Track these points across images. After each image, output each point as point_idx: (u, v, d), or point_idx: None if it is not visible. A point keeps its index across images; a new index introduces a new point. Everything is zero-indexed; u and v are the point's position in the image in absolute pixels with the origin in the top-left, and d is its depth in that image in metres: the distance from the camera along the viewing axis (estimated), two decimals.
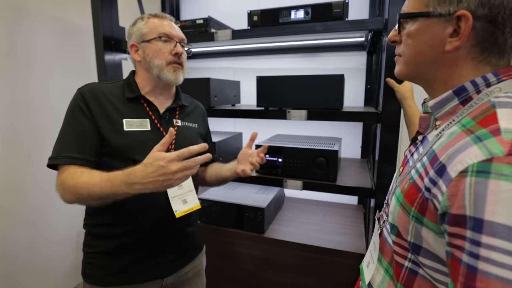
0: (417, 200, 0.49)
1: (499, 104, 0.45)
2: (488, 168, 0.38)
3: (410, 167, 0.57)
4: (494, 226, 0.37)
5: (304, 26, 1.29)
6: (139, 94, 0.95)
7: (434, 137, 0.53)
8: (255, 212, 1.50)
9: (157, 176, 0.71)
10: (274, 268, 1.47)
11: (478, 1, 0.46)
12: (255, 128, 1.99)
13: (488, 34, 0.48)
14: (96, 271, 0.92)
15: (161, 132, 0.95)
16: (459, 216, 0.40)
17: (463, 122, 0.48)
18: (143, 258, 0.93)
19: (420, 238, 0.49)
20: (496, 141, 0.40)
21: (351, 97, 1.78)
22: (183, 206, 0.91)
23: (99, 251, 0.91)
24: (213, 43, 1.52)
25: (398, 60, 0.61)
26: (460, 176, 0.40)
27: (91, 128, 0.86)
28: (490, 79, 0.49)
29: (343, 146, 1.81)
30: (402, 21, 0.56)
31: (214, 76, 1.99)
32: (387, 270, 0.60)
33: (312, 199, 1.93)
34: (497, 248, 0.36)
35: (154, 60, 0.93)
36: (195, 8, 2.02)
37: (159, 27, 0.94)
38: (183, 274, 1.03)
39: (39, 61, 1.65)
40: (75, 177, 0.79)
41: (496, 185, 0.37)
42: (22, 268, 1.65)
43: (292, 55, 1.85)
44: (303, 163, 1.38)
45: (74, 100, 0.88)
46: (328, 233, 1.50)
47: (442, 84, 0.55)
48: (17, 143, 1.59)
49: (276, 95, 1.41)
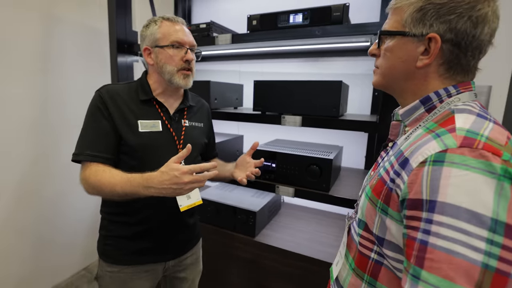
0: (383, 192, 0.55)
1: (457, 110, 0.53)
2: (443, 158, 0.45)
3: (380, 167, 0.63)
4: (444, 206, 0.43)
5: (303, 31, 1.27)
6: (152, 96, 1.02)
7: (403, 140, 0.60)
8: (247, 215, 1.49)
9: (171, 184, 0.80)
10: (261, 272, 1.46)
11: (446, 27, 0.53)
12: (258, 132, 2.00)
13: (453, 55, 0.55)
14: (112, 252, 1.03)
15: (171, 133, 1.03)
16: (416, 200, 0.46)
17: (427, 126, 0.55)
18: (152, 244, 1.04)
19: (384, 229, 0.55)
20: (451, 136, 0.47)
21: (357, 105, 1.72)
22: (187, 201, 1.00)
23: (115, 235, 1.03)
24: (218, 46, 1.54)
25: (376, 72, 0.68)
26: (420, 166, 0.47)
27: (109, 128, 0.94)
28: (451, 90, 0.57)
29: (347, 155, 1.75)
30: (382, 37, 0.63)
31: (220, 78, 2.03)
32: (351, 264, 0.66)
33: (310, 207, 1.89)
34: (444, 224, 0.43)
35: (166, 66, 0.99)
36: (207, 12, 2.06)
37: (172, 34, 0.99)
38: (183, 259, 1.16)
39: (66, 62, 1.77)
40: (98, 174, 0.88)
41: (448, 171, 0.44)
42: (46, 243, 1.82)
43: (298, 59, 1.82)
44: (296, 170, 1.36)
45: (93, 101, 0.96)
46: (319, 243, 1.46)
47: (412, 95, 0.62)
48: (46, 135, 1.73)
49: (272, 100, 1.40)
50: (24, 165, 1.64)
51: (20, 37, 1.53)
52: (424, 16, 0.55)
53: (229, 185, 1.83)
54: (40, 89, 1.66)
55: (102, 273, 1.05)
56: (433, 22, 0.54)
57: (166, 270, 1.12)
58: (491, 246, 0.40)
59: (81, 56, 1.85)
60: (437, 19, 0.53)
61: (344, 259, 0.70)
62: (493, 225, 0.40)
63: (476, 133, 0.46)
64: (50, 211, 1.82)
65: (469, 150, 0.44)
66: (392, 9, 0.62)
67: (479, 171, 0.42)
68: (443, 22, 0.53)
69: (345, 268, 0.69)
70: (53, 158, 1.78)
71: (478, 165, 0.43)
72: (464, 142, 0.45)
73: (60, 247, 1.91)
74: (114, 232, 1.03)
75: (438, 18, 0.53)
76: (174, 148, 1.03)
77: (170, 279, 1.18)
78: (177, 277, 1.17)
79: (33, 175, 1.70)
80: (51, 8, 1.65)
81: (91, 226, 2.09)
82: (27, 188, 1.68)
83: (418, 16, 0.55)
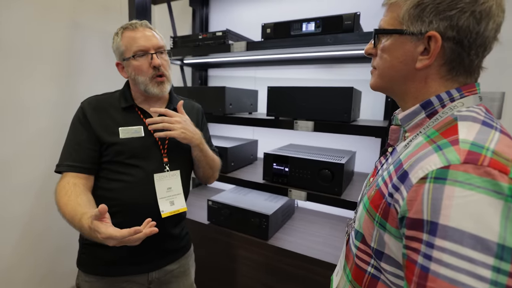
0: (381, 205, 0.52)
1: (461, 117, 0.49)
2: (445, 175, 0.41)
3: (378, 175, 0.60)
4: (447, 230, 0.40)
5: (315, 39, 1.31)
6: (133, 103, 1.03)
7: (402, 148, 0.56)
8: (260, 219, 1.52)
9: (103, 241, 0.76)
10: (274, 275, 1.48)
11: (447, 24, 0.49)
12: (272, 137, 2.04)
13: (455, 55, 0.50)
14: (88, 261, 1.01)
15: (155, 137, 1.01)
16: (417, 220, 0.43)
17: (428, 133, 0.52)
18: (130, 253, 0.99)
19: (383, 244, 0.52)
20: (454, 150, 0.43)
21: (370, 111, 1.72)
22: (170, 208, 0.98)
23: (91, 243, 0.98)
24: (233, 54, 1.60)
25: (373, 73, 0.63)
26: (420, 182, 0.44)
27: (89, 138, 0.95)
28: (454, 94, 0.52)
29: (361, 160, 1.75)
30: (378, 35, 0.59)
31: (236, 84, 2.09)
32: (348, 276, 0.63)
33: (324, 212, 1.89)
34: (446, 250, 0.39)
35: (138, 77, 0.98)
36: (224, 20, 2.13)
37: (133, 43, 0.96)
38: (169, 271, 1.10)
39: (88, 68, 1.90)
40: (65, 194, 0.88)
41: (451, 191, 0.40)
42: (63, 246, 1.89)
43: (312, 65, 1.85)
44: (309, 174, 1.38)
45: (76, 113, 1.00)
46: (333, 247, 1.46)
47: (413, 99, 0.57)
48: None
49: (285, 106, 1.43)
50: (45, 169, 1.74)
51: (45, 44, 1.66)
52: (422, 13, 0.50)
53: (244, 188, 1.86)
54: (64, 94, 1.78)
55: (81, 283, 1.02)
56: (432, 19, 0.49)
57: (151, 283, 1.06)
58: (497, 274, 0.37)
59: (103, 62, 1.96)
60: (437, 15, 0.49)
61: (342, 270, 0.67)
62: (500, 251, 0.37)
63: (481, 146, 0.42)
64: None
65: (474, 167, 0.40)
66: (388, 5, 0.57)
67: (485, 191, 0.39)
68: (444, 19, 0.48)
69: (342, 280, 0.66)
70: None
71: (483, 184, 0.39)
72: (468, 157, 0.41)
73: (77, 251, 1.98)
74: (89, 240, 0.93)
75: (438, 14, 0.49)
76: (158, 153, 1.02)
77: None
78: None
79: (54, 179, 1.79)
80: (74, 17, 1.78)
81: None
82: (48, 191, 1.76)
83: (416, 12, 0.51)
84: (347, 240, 0.70)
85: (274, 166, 1.47)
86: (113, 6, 1.99)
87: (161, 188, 0.99)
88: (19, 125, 1.61)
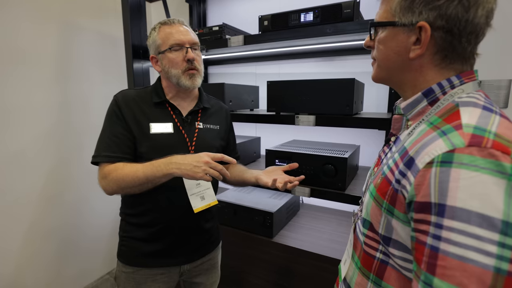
0: (388, 192, 0.53)
1: (462, 103, 0.51)
2: (451, 158, 0.43)
3: (383, 164, 0.61)
4: (454, 210, 0.41)
5: (314, 29, 1.27)
6: (165, 99, 1.05)
7: (406, 136, 0.58)
8: (264, 216, 1.50)
9: (192, 160, 0.86)
10: (279, 273, 1.46)
11: (436, 13, 0.50)
12: (275, 133, 2.00)
13: (446, 43, 0.52)
14: (128, 253, 1.06)
15: (183, 134, 1.05)
16: (425, 203, 0.45)
17: (431, 120, 0.53)
18: (165, 247, 1.05)
19: (391, 229, 0.54)
20: (458, 134, 0.45)
21: (375, 103, 1.67)
22: (201, 203, 1.01)
23: (130, 236, 1.06)
24: (231, 48, 1.57)
25: (374, 65, 0.65)
26: (427, 167, 0.45)
27: (124, 131, 0.98)
28: (454, 81, 0.54)
29: (365, 155, 1.70)
30: (375, 28, 0.61)
31: (237, 81, 2.05)
32: (357, 263, 0.65)
33: (329, 207, 1.86)
34: (455, 230, 0.41)
35: (171, 70, 1.01)
36: (222, 14, 2.09)
37: (170, 37, 1.00)
38: (199, 264, 1.15)
39: (85, 69, 1.88)
40: (118, 169, 0.92)
41: (457, 173, 0.42)
42: (70, 248, 1.91)
43: (314, 59, 1.80)
44: (312, 170, 1.35)
45: (110, 106, 1.02)
46: (338, 243, 1.43)
47: (411, 88, 0.59)
48: (67, 141, 1.83)
49: (286, 100, 1.40)
50: (47, 171, 1.74)
51: (41, 46, 1.65)
52: (412, 4, 0.52)
53: (247, 187, 1.84)
54: (61, 96, 1.77)
55: (118, 273, 1.09)
56: (422, 10, 0.51)
57: (182, 274, 1.13)
58: (502, 249, 0.39)
59: (99, 62, 1.95)
60: (426, 5, 0.51)
61: (351, 258, 0.68)
62: (504, 227, 0.39)
63: (483, 129, 0.44)
64: (73, 216, 1.90)
65: (478, 150, 0.42)
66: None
67: (489, 172, 0.41)
68: (432, 9, 0.50)
69: (351, 267, 0.67)
70: (75, 163, 1.87)
71: (487, 165, 0.41)
72: (472, 140, 0.43)
73: (84, 252, 1.98)
74: (129, 233, 1.06)
75: (427, 5, 0.51)
76: (186, 150, 1.04)
77: (187, 284, 1.20)
78: (194, 282, 1.18)
79: (56, 180, 1.79)
80: (69, 18, 1.77)
81: (113, 230, 2.16)
82: (51, 193, 1.77)
83: (406, 4, 0.53)
84: (354, 228, 0.71)
85: (276, 163, 1.44)
86: (108, 6, 1.97)
87: (190, 184, 1.01)
88: (20, 126, 1.61)
